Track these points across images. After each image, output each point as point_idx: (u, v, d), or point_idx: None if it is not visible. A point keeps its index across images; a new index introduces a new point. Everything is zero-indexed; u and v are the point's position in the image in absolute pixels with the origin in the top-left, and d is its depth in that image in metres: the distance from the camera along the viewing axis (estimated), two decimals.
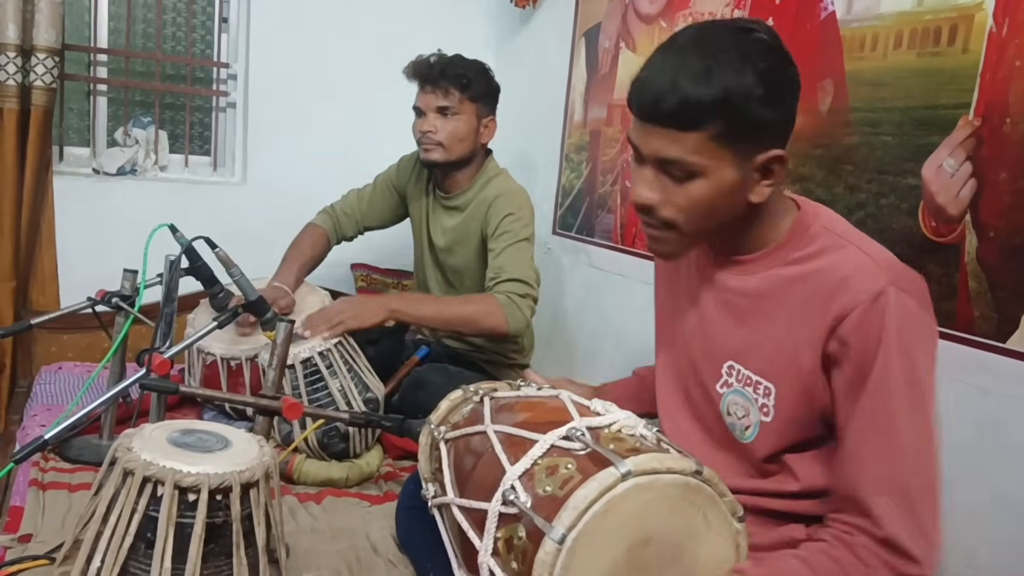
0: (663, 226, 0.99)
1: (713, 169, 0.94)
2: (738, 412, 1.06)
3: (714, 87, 0.90)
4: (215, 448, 0.95)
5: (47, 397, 1.91)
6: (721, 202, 0.96)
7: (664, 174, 0.96)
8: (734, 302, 1.07)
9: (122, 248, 2.30)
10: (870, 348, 0.90)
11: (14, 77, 2.09)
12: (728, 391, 1.07)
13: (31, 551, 1.18)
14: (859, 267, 0.94)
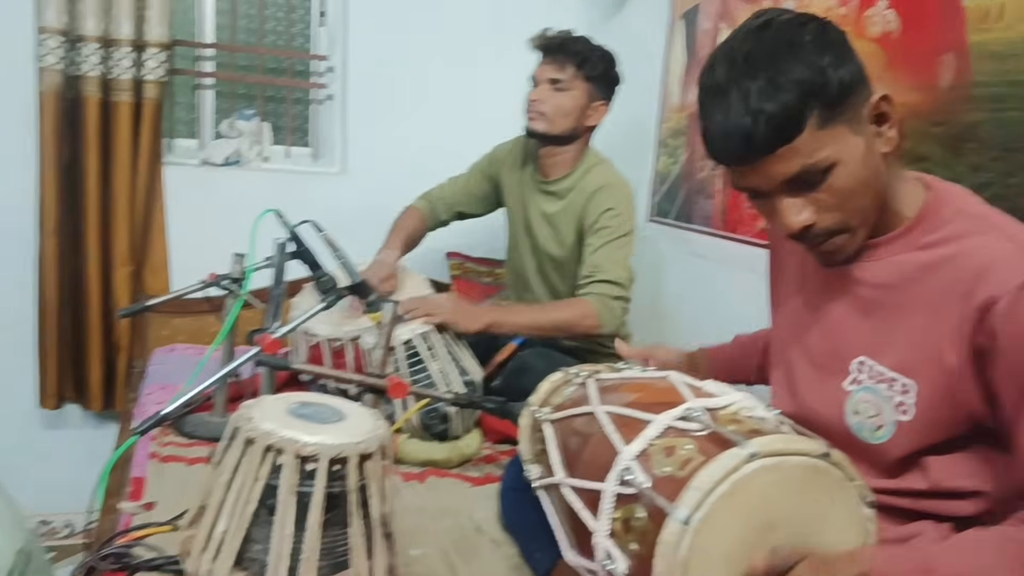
0: (831, 235, 0.95)
1: (839, 151, 0.90)
2: (868, 411, 1.00)
3: (788, 90, 0.87)
4: (331, 420, 0.97)
5: (161, 377, 1.99)
6: (865, 174, 0.92)
7: (799, 190, 0.92)
8: (861, 293, 1.01)
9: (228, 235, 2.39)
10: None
11: (128, 71, 2.18)
12: (857, 388, 1.01)
13: (155, 518, 1.24)
14: (1002, 254, 0.87)
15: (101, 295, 2.23)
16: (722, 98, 0.91)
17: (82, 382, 2.28)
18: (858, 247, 0.98)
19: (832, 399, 1.03)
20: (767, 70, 0.88)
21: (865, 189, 0.93)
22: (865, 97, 0.91)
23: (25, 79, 2.15)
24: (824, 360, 1.06)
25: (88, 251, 2.20)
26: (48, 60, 2.09)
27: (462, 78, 2.60)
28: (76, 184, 2.18)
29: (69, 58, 2.12)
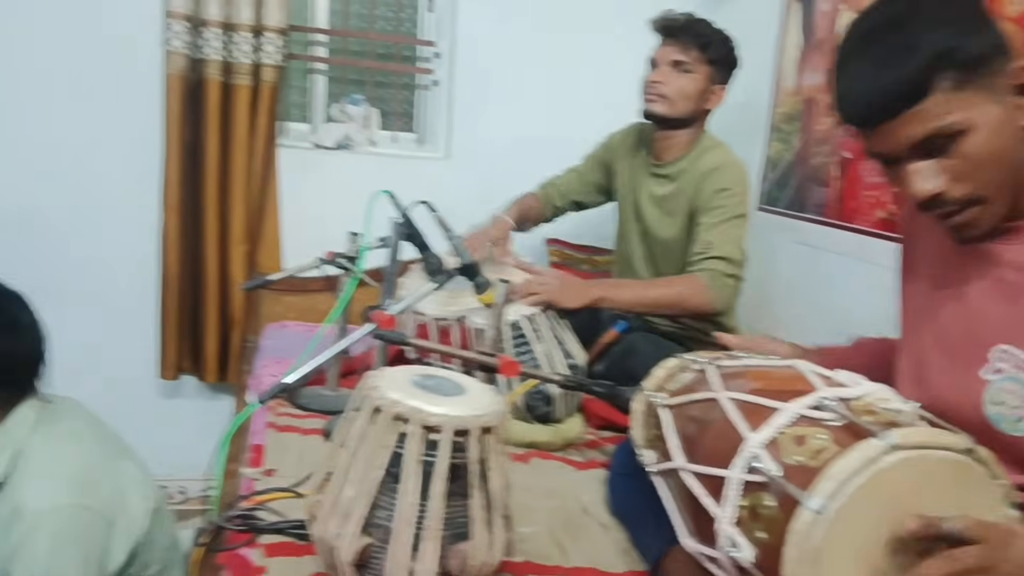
0: (964, 205, 0.92)
1: (970, 117, 0.88)
2: (1010, 401, 0.95)
3: (915, 54, 0.87)
4: (453, 393, 0.98)
5: (274, 351, 2.06)
6: (1000, 143, 0.89)
7: (929, 156, 0.90)
8: (1006, 277, 0.96)
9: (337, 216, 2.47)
10: None
11: (248, 55, 2.27)
12: (998, 378, 0.95)
13: (275, 484, 1.29)
14: None
15: (218, 271, 2.34)
16: (852, 61, 0.93)
17: (199, 354, 2.39)
18: (994, 223, 0.94)
19: (968, 388, 0.98)
20: (896, 34, 0.89)
21: (999, 159, 0.90)
22: (1004, 66, 0.89)
23: (152, 62, 2.26)
24: (959, 346, 1.01)
25: (207, 229, 2.30)
26: (174, 44, 2.19)
27: (568, 63, 2.59)
28: (197, 163, 2.28)
29: (193, 42, 2.22)
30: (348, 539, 0.91)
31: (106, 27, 2.24)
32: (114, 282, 2.34)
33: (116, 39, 2.25)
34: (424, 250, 1.70)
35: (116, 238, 2.34)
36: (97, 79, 2.26)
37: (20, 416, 1.25)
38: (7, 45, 2.19)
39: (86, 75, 2.25)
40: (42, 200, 2.28)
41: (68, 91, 2.25)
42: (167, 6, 2.18)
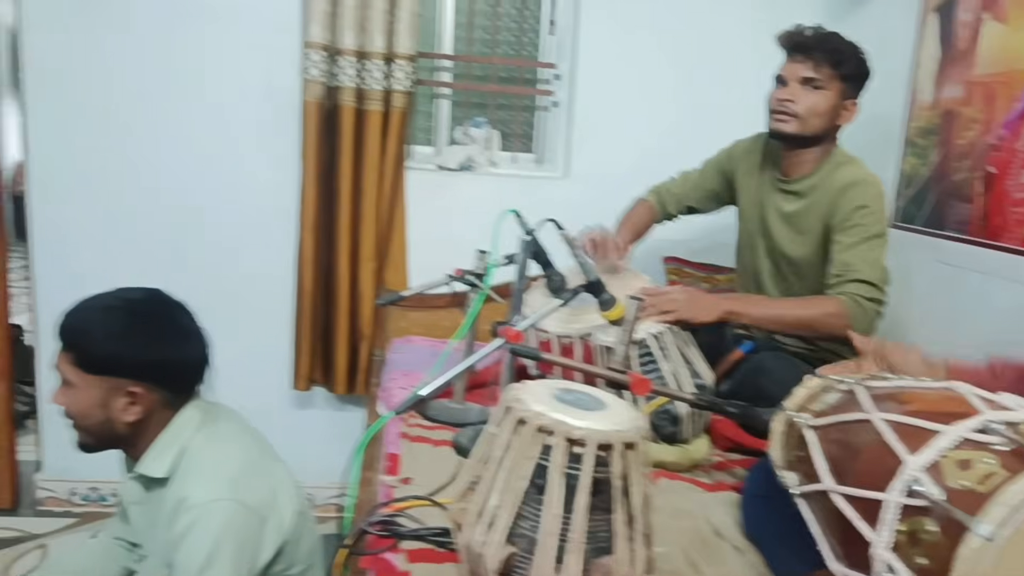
0: None
1: None
2: None
3: None
4: (594, 408, 1.00)
5: (402, 364, 2.14)
6: None
7: None
8: None
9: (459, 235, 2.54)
10: None
11: (379, 82, 2.37)
12: None
13: (412, 491, 1.33)
14: None
15: (349, 288, 2.44)
16: None
17: (329, 366, 2.50)
18: None
19: None
20: None
21: None
22: None
23: (292, 89, 2.40)
24: None
25: (339, 247, 2.41)
26: (312, 72, 2.32)
27: (689, 83, 2.58)
28: (331, 185, 2.40)
29: (329, 70, 2.34)
30: (493, 547, 0.93)
31: (251, 59, 2.40)
32: (254, 297, 2.48)
33: (260, 70, 2.40)
34: (548, 268, 1.73)
35: (257, 256, 2.49)
36: (243, 108, 2.42)
37: (186, 417, 1.34)
38: (161, 80, 2.37)
39: (233, 105, 2.42)
40: (193, 220, 2.45)
41: (216, 119, 2.42)
42: (306, 37, 2.31)
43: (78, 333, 1.26)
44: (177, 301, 1.37)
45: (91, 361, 1.25)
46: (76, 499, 2.58)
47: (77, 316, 1.28)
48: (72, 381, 1.27)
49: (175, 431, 1.33)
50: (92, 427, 1.30)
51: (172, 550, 1.26)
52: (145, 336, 1.28)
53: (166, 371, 1.31)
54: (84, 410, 1.28)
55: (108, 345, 1.25)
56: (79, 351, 1.26)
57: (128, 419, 1.28)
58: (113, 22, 2.31)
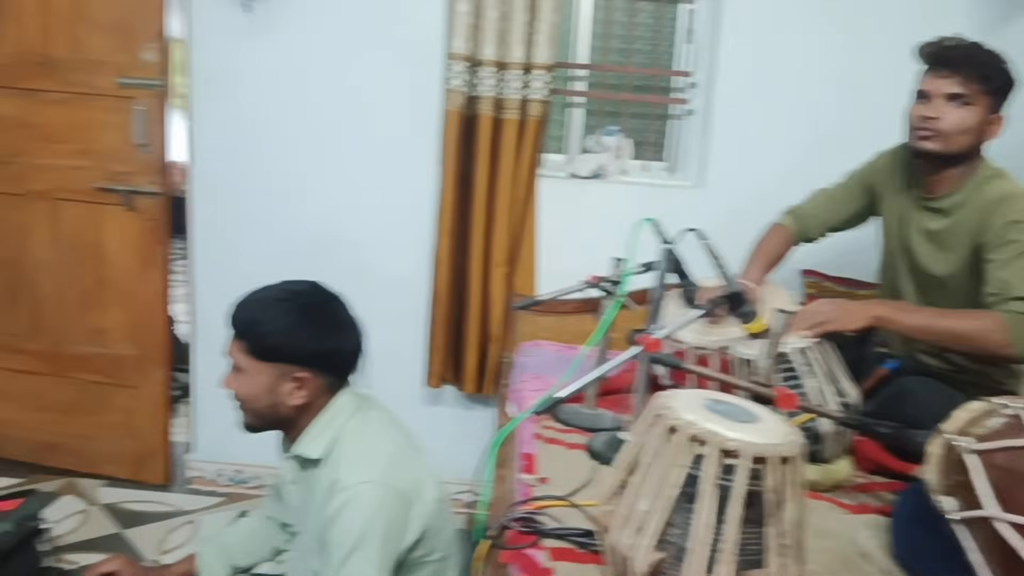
0: None
1: None
2: None
3: None
4: (746, 420, 0.99)
5: (532, 368, 2.17)
6: None
7: None
8: None
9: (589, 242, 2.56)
10: None
11: (517, 91, 2.42)
12: None
13: (550, 491, 1.36)
14: None
15: (481, 291, 2.51)
16: None
17: (459, 366, 2.57)
18: None
19: None
20: None
21: None
22: None
23: (434, 99, 2.50)
24: None
25: (472, 251, 2.48)
26: (454, 83, 2.40)
27: (836, 93, 2.50)
28: (468, 192, 2.48)
29: (470, 81, 2.42)
30: (642, 552, 0.95)
31: (396, 71, 2.50)
32: (392, 296, 2.58)
33: (404, 81, 2.51)
34: (684, 278, 1.73)
35: (396, 257, 2.59)
36: (387, 116, 2.53)
37: (341, 403, 1.43)
38: (314, 89, 2.52)
39: (378, 113, 2.53)
40: (339, 222, 2.59)
41: (362, 126, 2.54)
42: (449, 48, 2.40)
43: (252, 324, 1.36)
44: (336, 293, 1.46)
45: (263, 349, 1.35)
46: (222, 480, 2.76)
47: (251, 308, 1.38)
48: (244, 367, 1.37)
49: (331, 416, 1.42)
50: (260, 409, 1.40)
51: (325, 528, 1.34)
52: (313, 326, 1.38)
53: (330, 358, 1.40)
54: (254, 394, 1.38)
55: (279, 334, 1.35)
56: (252, 340, 1.36)
57: (294, 402, 1.38)
58: (272, 33, 2.47)
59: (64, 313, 2.70)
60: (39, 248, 2.66)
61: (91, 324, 2.69)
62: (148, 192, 2.55)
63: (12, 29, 2.53)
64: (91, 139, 2.55)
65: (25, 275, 2.69)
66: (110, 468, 2.77)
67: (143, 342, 2.68)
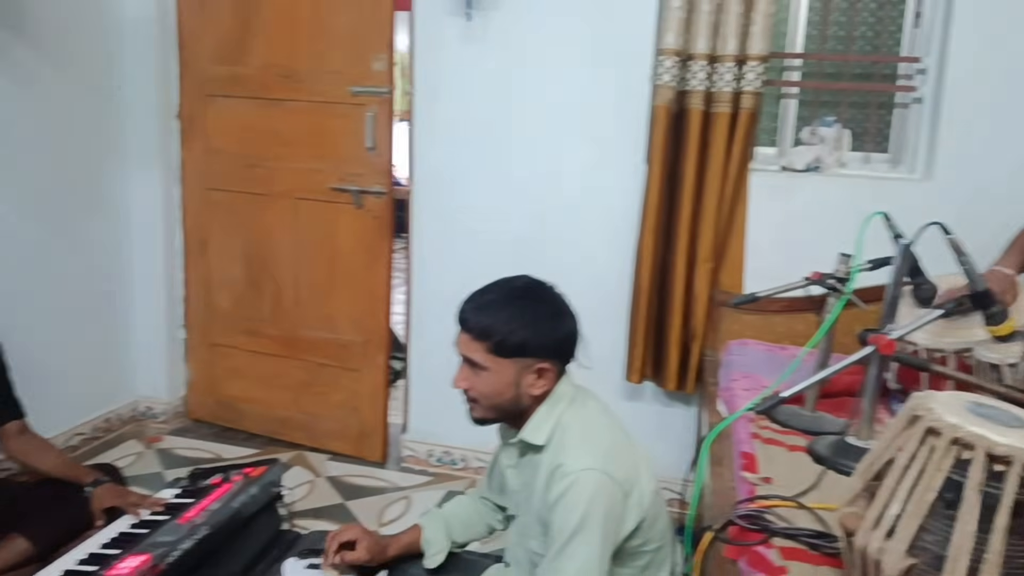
0: None
1: None
2: None
3: None
4: (1014, 425, 0.92)
5: (741, 366, 2.13)
6: None
7: None
8: None
9: (802, 238, 2.47)
10: None
11: (729, 84, 2.38)
12: None
13: (775, 491, 1.34)
14: None
15: (684, 287, 2.49)
16: None
17: (661, 363, 2.57)
18: None
19: None
20: None
21: None
22: None
23: (641, 96, 2.50)
24: None
25: (677, 247, 2.47)
26: (663, 78, 2.40)
27: None
28: (674, 187, 2.46)
29: (680, 75, 2.40)
30: (893, 557, 0.91)
31: (604, 70, 2.54)
32: (595, 290, 2.62)
33: (612, 79, 2.54)
34: (917, 276, 1.62)
35: (600, 252, 2.63)
36: (594, 115, 2.57)
37: (562, 391, 1.48)
38: (526, 90, 2.61)
39: (586, 112, 2.58)
40: (546, 221, 2.66)
41: (570, 127, 2.60)
42: (659, 44, 2.40)
43: (492, 324, 1.41)
44: (546, 282, 1.52)
45: (507, 347, 1.41)
46: (432, 460, 2.94)
47: (486, 309, 1.44)
48: (485, 365, 1.42)
49: (552, 403, 1.47)
50: (501, 404, 1.46)
51: (547, 512, 1.40)
52: (548, 318, 1.44)
53: (565, 346, 1.46)
54: (497, 390, 1.44)
55: (523, 330, 1.41)
56: (494, 340, 1.41)
57: (535, 393, 1.45)
58: (488, 40, 2.59)
59: (299, 301, 2.99)
60: (280, 243, 2.97)
61: (322, 312, 2.96)
62: (375, 192, 2.77)
63: (262, 46, 2.84)
64: (327, 144, 2.81)
65: (268, 267, 3.01)
66: (334, 444, 3.03)
67: (367, 330, 2.91)
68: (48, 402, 2.18)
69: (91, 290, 2.93)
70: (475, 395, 1.46)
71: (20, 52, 2.52)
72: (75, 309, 2.86)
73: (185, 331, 3.21)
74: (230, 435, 3.17)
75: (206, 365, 3.20)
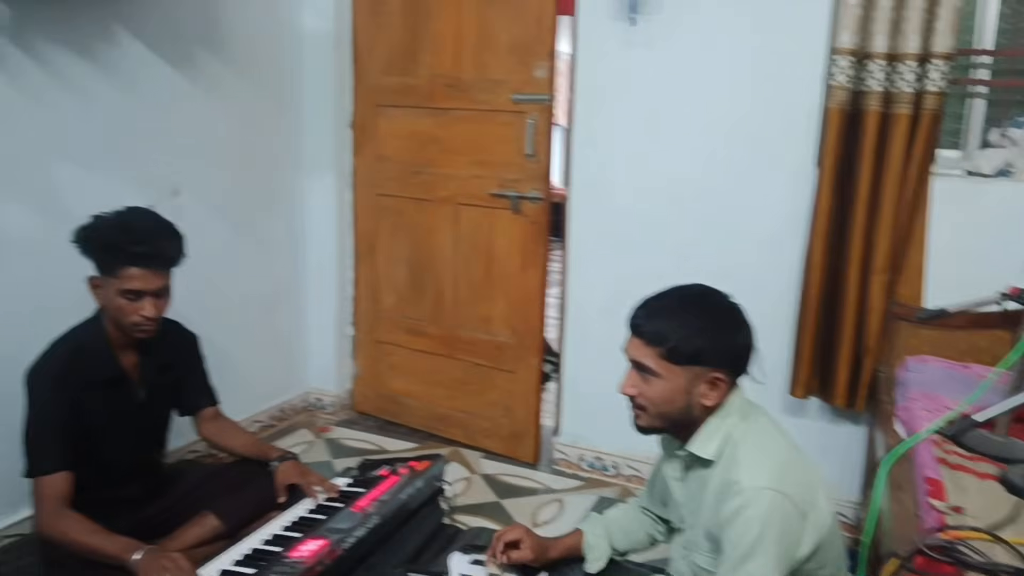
0: None
1: None
2: None
3: None
4: None
5: (921, 385, 2.00)
6: None
7: None
8: None
9: (991, 248, 2.29)
10: None
11: (910, 84, 2.24)
12: None
13: (965, 522, 1.25)
14: None
15: (857, 299, 2.36)
16: None
17: (828, 378, 2.45)
18: None
19: None
20: None
21: None
22: None
23: (811, 96, 2.40)
24: None
25: (850, 255, 2.34)
26: (837, 79, 2.29)
27: None
28: (846, 193, 2.34)
29: (856, 75, 2.29)
30: None
31: (773, 71, 2.46)
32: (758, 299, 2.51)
33: (781, 81, 2.45)
34: None
35: (763, 261, 2.55)
36: (761, 118, 2.49)
37: (733, 404, 1.45)
38: (687, 96, 2.57)
39: (752, 115, 2.50)
40: (708, 227, 2.61)
41: (735, 130, 2.53)
42: (834, 43, 2.29)
43: (666, 329, 1.40)
44: (726, 292, 1.48)
45: (682, 354, 1.39)
46: (583, 465, 2.95)
47: (662, 315, 1.42)
48: (658, 372, 1.41)
49: (723, 416, 1.44)
50: (671, 412, 1.44)
51: (718, 528, 1.37)
52: (724, 326, 1.42)
53: (739, 358, 1.43)
54: (668, 397, 1.42)
55: (699, 338, 1.39)
56: (668, 345, 1.39)
57: (707, 403, 1.43)
58: (652, 44, 2.57)
59: (458, 303, 3.10)
60: (442, 247, 3.08)
61: (480, 313, 3.05)
62: (533, 198, 2.82)
63: (429, 57, 2.96)
64: (488, 151, 2.89)
65: (430, 269, 3.14)
66: (488, 442, 3.11)
67: (521, 332, 2.97)
68: (230, 390, 2.37)
69: (270, 287, 3.17)
70: (643, 402, 1.45)
71: (214, 67, 2.76)
72: (256, 304, 3.10)
73: (353, 328, 3.40)
74: (392, 428, 3.33)
75: (371, 361, 3.38)
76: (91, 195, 2.31)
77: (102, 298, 1.90)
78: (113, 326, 1.93)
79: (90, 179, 2.36)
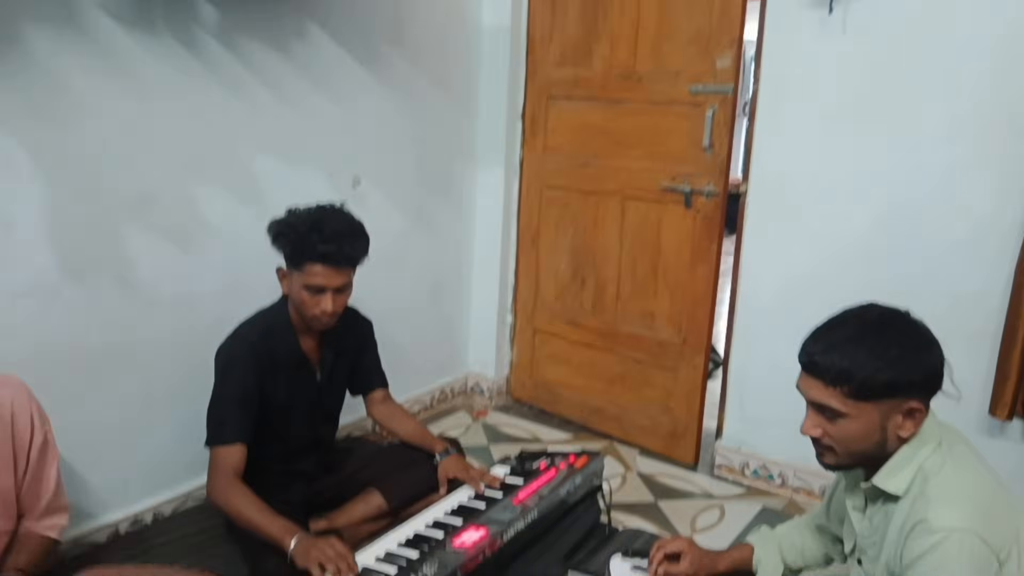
0: None
1: None
2: None
3: None
4: None
5: None
6: None
7: None
8: None
9: None
10: None
11: None
12: None
13: None
14: None
15: None
16: None
17: None
18: None
19: None
20: None
21: None
22: None
23: None
24: None
25: None
26: None
27: None
28: None
29: None
30: None
31: (988, 61, 2.21)
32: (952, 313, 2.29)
33: (997, 73, 2.20)
34: None
35: (962, 270, 2.32)
36: (969, 111, 2.26)
37: (927, 432, 1.31)
38: (882, 90, 2.37)
39: (958, 108, 2.27)
40: (894, 231, 2.40)
41: (936, 122, 2.31)
42: None
43: (849, 365, 1.26)
44: (905, 310, 1.34)
45: (871, 388, 1.26)
46: (747, 472, 2.83)
47: (842, 349, 1.28)
48: (843, 412, 1.29)
49: (916, 446, 1.31)
50: (864, 450, 1.32)
51: (901, 569, 1.26)
52: (913, 351, 1.28)
53: (933, 380, 1.30)
54: (861, 436, 1.30)
55: (889, 370, 1.25)
56: (855, 382, 1.26)
57: (903, 435, 1.30)
58: (846, 33, 2.38)
59: (620, 297, 3.05)
60: (606, 239, 3.04)
61: (642, 308, 2.99)
62: (707, 192, 2.71)
63: (604, 49, 2.91)
64: (660, 143, 2.81)
65: (593, 262, 3.11)
66: (644, 440, 3.06)
67: (687, 330, 2.88)
68: (396, 370, 2.45)
69: (438, 274, 3.26)
70: (830, 443, 1.34)
71: (397, 62, 2.85)
72: (425, 289, 3.20)
73: (513, 316, 3.44)
74: (546, 417, 3.34)
75: (529, 349, 3.40)
76: (282, 184, 2.46)
77: (287, 288, 2.01)
78: (296, 313, 2.04)
79: (281, 169, 2.50)
